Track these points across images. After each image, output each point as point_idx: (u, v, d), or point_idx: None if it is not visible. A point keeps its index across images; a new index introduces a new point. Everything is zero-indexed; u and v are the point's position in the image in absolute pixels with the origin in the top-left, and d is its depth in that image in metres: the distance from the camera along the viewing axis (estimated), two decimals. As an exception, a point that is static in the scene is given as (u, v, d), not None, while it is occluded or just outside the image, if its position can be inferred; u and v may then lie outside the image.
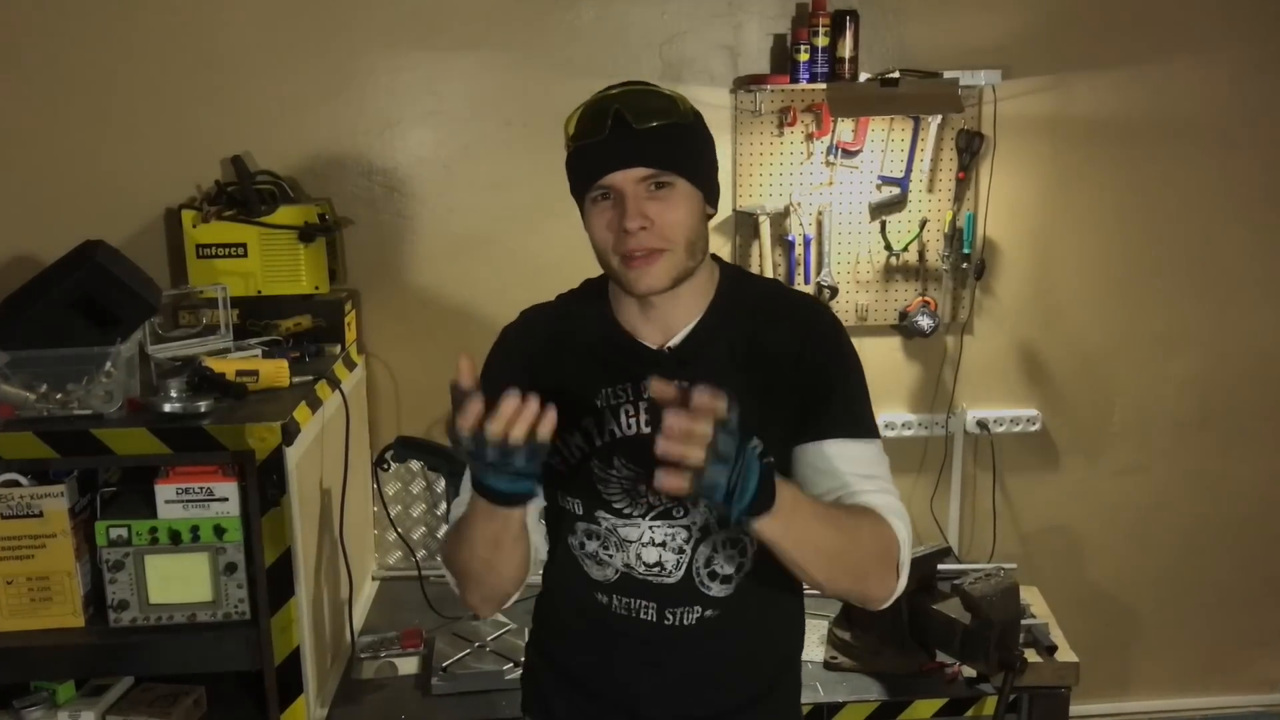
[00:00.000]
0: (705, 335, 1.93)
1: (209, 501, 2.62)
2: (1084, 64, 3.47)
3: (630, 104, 1.82)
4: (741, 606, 1.97)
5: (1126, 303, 3.64)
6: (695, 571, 1.93)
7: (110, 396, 2.58)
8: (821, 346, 1.94)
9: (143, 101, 3.30)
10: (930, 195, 3.47)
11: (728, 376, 1.79)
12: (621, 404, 1.91)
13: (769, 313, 1.96)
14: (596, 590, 1.99)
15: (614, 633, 1.99)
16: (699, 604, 1.95)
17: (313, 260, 3.21)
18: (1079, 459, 3.76)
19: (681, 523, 1.92)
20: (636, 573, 1.95)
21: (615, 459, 1.92)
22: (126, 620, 2.65)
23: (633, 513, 1.92)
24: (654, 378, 1.55)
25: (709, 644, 1.97)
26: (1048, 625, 3.04)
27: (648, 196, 1.82)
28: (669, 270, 1.85)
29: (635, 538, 1.93)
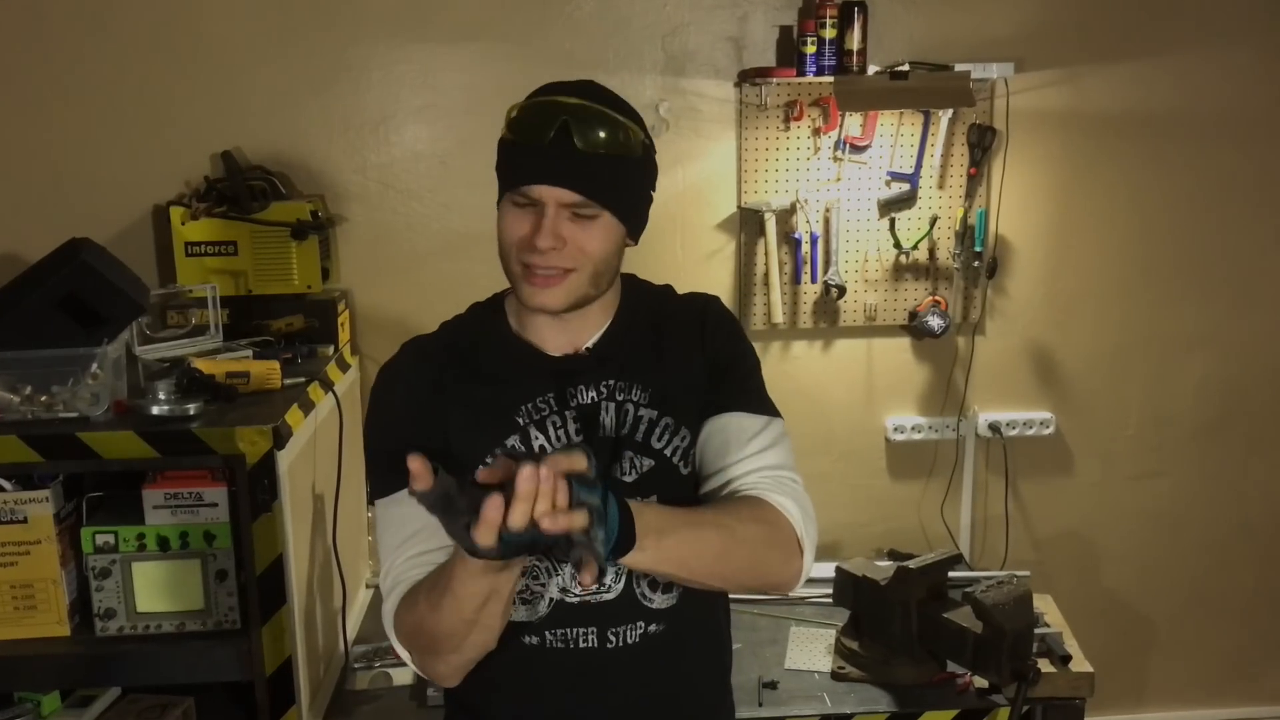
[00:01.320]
0: (618, 336, 1.93)
1: (198, 507, 2.62)
2: (1100, 56, 3.47)
3: (581, 122, 1.77)
4: (685, 618, 1.92)
5: (1144, 302, 3.64)
6: (635, 581, 1.88)
7: (96, 399, 2.58)
8: (719, 329, 1.97)
9: (129, 95, 3.30)
10: (941, 192, 3.47)
11: (648, 369, 1.86)
12: (546, 416, 1.87)
13: (668, 308, 1.99)
14: (524, 633, 1.88)
15: (549, 674, 1.90)
16: (641, 619, 1.89)
17: (305, 258, 3.21)
18: (1094, 463, 3.76)
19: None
20: (572, 595, 1.87)
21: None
22: (113, 629, 2.65)
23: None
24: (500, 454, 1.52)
25: (655, 663, 1.92)
26: (1062, 634, 3.04)
27: (569, 219, 1.78)
28: (568, 293, 1.81)
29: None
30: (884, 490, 3.71)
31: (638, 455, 1.86)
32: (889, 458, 3.70)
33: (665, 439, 1.87)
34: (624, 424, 1.86)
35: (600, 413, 1.87)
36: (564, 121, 1.76)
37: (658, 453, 1.87)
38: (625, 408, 1.87)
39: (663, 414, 1.87)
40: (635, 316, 1.96)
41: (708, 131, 3.44)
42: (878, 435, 3.68)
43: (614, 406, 1.87)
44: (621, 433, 1.86)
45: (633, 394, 1.87)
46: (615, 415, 1.87)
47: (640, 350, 1.92)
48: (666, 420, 1.87)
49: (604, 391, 1.88)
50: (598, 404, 1.87)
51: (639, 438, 1.87)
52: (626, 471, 1.85)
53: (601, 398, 1.87)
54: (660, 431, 1.87)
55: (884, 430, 3.67)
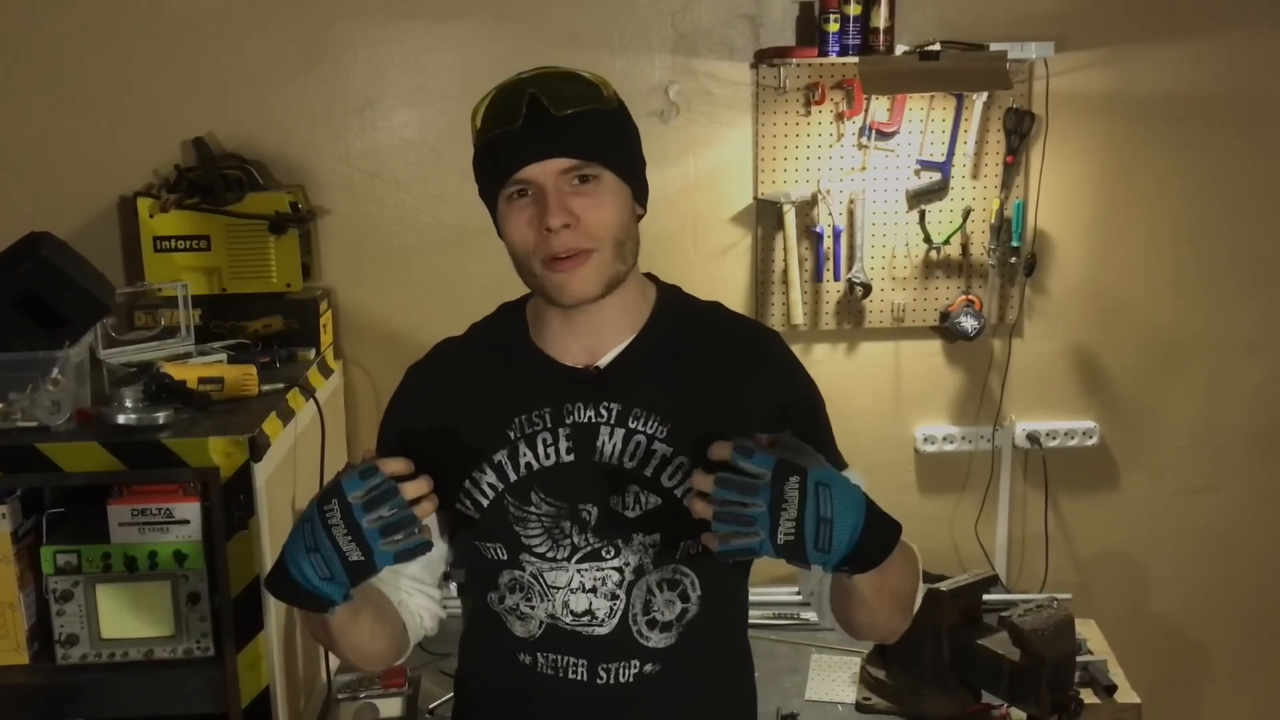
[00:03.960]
0: (640, 355, 1.92)
1: (168, 524, 2.62)
2: (1148, 33, 3.46)
3: (547, 88, 1.79)
4: (685, 659, 1.93)
5: (1196, 302, 3.64)
6: (631, 619, 1.89)
7: (57, 407, 2.58)
8: (791, 375, 1.99)
9: (92, 76, 3.30)
10: (975, 182, 3.47)
11: (672, 401, 1.85)
12: (538, 432, 1.88)
13: (712, 333, 1.98)
14: (519, 650, 1.94)
15: (538, 698, 1.94)
16: (636, 658, 1.90)
17: (284, 254, 3.21)
18: (1142, 477, 3.75)
19: (612, 564, 1.88)
20: (563, 623, 1.90)
21: (533, 494, 1.88)
22: (76, 657, 2.65)
23: (556, 555, 1.88)
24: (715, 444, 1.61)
25: (649, 707, 1.93)
26: (1106, 662, 3.04)
27: (571, 191, 1.80)
28: (598, 274, 1.82)
29: (563, 583, 1.89)
30: (913, 505, 3.71)
31: (644, 490, 1.87)
32: (919, 470, 3.70)
33: (677, 479, 1.87)
34: (632, 455, 1.87)
35: (598, 437, 1.88)
36: (530, 94, 1.79)
37: (667, 491, 1.87)
38: (636, 438, 1.87)
39: (679, 451, 1.86)
40: (667, 335, 1.95)
41: (722, 117, 3.43)
42: (906, 446, 3.68)
43: (622, 434, 1.87)
44: (627, 464, 1.87)
45: (648, 425, 1.87)
46: (621, 444, 1.87)
47: (665, 377, 1.91)
48: (682, 459, 1.86)
49: (605, 414, 1.88)
50: (595, 425, 1.88)
51: (648, 472, 1.87)
52: (630, 506, 1.86)
53: (603, 420, 1.88)
54: (673, 470, 1.87)
55: (913, 441, 3.67)
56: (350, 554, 1.67)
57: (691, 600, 1.91)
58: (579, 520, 1.87)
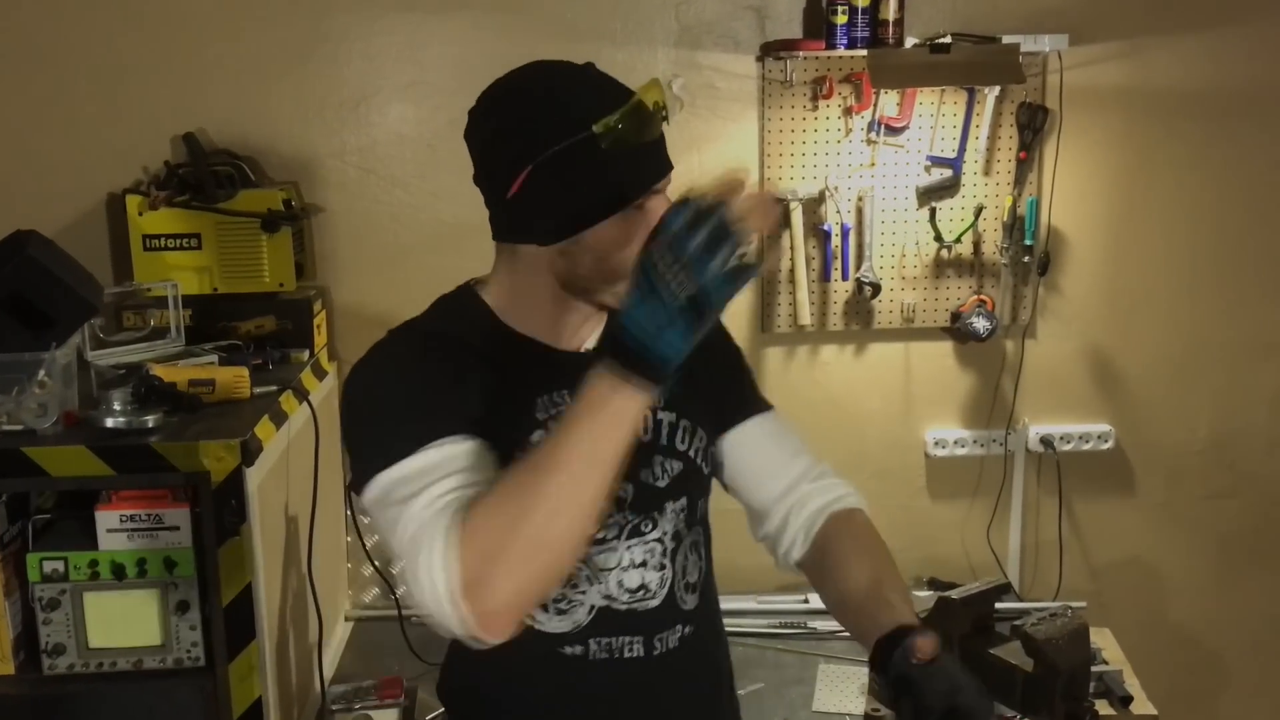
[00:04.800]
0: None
1: (157, 530, 2.62)
2: (1165, 25, 3.46)
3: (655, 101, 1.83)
4: (705, 617, 2.04)
5: (1215, 301, 3.64)
6: (675, 585, 1.97)
7: (44, 409, 2.58)
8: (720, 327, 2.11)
9: (80, 71, 3.30)
10: (987, 178, 3.47)
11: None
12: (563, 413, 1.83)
13: None
14: (561, 644, 1.92)
15: (589, 688, 1.94)
16: (679, 622, 1.98)
17: (277, 253, 3.21)
18: (1158, 481, 3.75)
19: (654, 536, 1.94)
20: (618, 604, 1.93)
21: None
22: (63, 667, 2.65)
23: (605, 536, 1.91)
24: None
25: (691, 667, 2.02)
26: (1122, 672, 3.04)
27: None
28: None
29: (614, 564, 1.93)
30: (923, 511, 3.71)
31: (666, 459, 1.96)
32: (929, 475, 3.70)
33: (686, 441, 1.98)
34: (646, 427, 1.94)
35: None
36: (661, 106, 1.83)
37: (683, 455, 1.98)
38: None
39: (681, 416, 1.98)
40: None
41: (726, 111, 3.43)
42: (916, 450, 3.68)
43: None
44: (645, 438, 1.92)
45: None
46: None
47: None
48: (685, 423, 1.98)
49: None
50: None
51: (664, 441, 1.97)
52: (659, 476, 1.95)
53: None
54: (681, 434, 1.98)
55: (923, 445, 3.67)
56: (682, 288, 1.52)
57: (704, 559, 2.04)
58: (617, 499, 1.88)
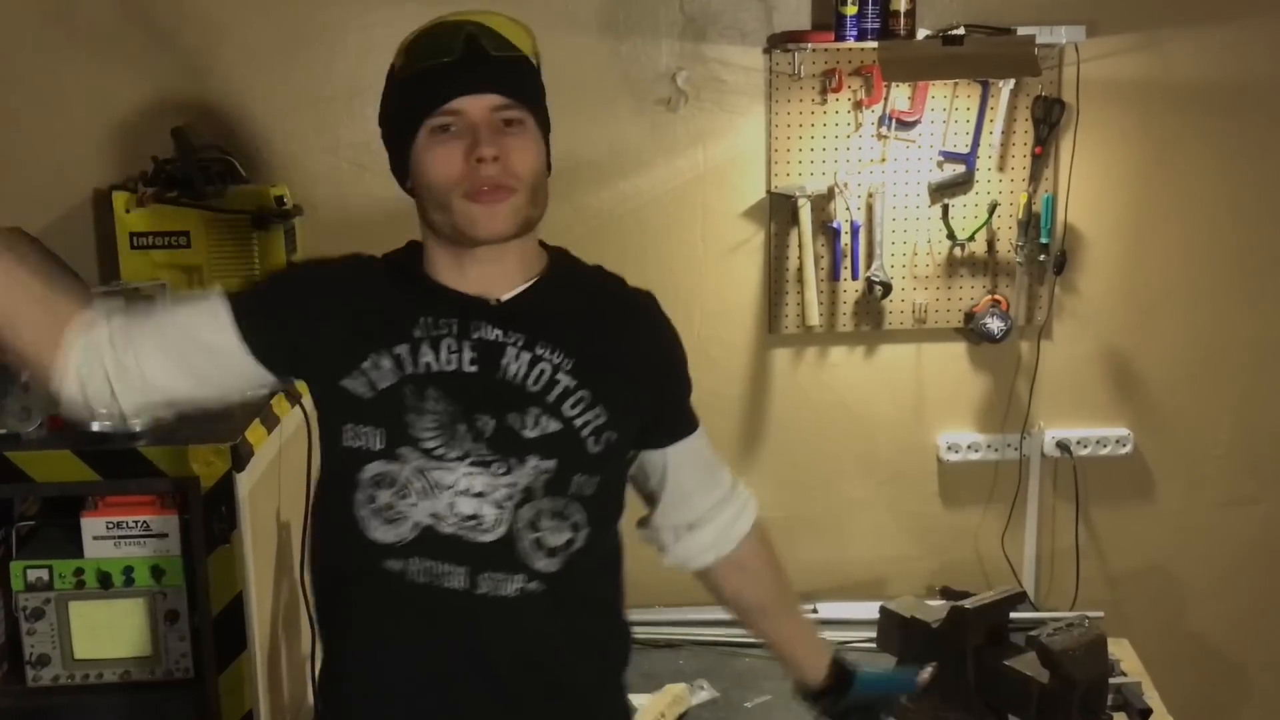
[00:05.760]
0: (536, 298, 2.05)
1: (145, 538, 2.62)
2: (1185, 17, 3.46)
3: (485, 28, 1.96)
4: (569, 586, 2.02)
5: (1236, 301, 3.63)
6: (518, 533, 1.97)
7: (28, 413, 2.57)
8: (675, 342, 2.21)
9: (66, 64, 3.30)
10: (1001, 174, 3.46)
11: (575, 339, 2.02)
12: (442, 338, 1.99)
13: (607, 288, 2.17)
14: (385, 557, 1.97)
15: (409, 611, 1.99)
16: (521, 573, 1.97)
17: (268, 251, 3.21)
18: (1178, 487, 3.75)
19: (505, 480, 1.96)
20: (445, 524, 1.95)
21: (430, 390, 1.97)
22: (47, 679, 2.64)
23: (446, 455, 1.96)
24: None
25: (528, 625, 2.00)
26: (1141, 684, 3.05)
27: (499, 130, 1.94)
28: (514, 214, 1.96)
29: (449, 483, 1.96)
30: (936, 518, 3.71)
31: (545, 415, 1.99)
32: (942, 481, 3.70)
33: (579, 409, 2.00)
34: (536, 380, 1.99)
35: (504, 355, 1.99)
36: (469, 31, 1.95)
37: (568, 420, 1.99)
38: (541, 365, 1.99)
39: (583, 385, 2.00)
40: (562, 284, 2.09)
41: (733, 105, 3.43)
42: (929, 455, 3.68)
43: (529, 358, 1.99)
44: (530, 387, 1.99)
45: (554, 357, 2.00)
46: (527, 367, 1.99)
47: (566, 318, 2.04)
48: (584, 393, 2.00)
49: (513, 337, 2.00)
50: (502, 344, 1.99)
51: (551, 399, 1.99)
52: (529, 427, 1.97)
53: (510, 342, 2.00)
54: (575, 401, 2.00)
55: (936, 449, 3.67)
56: None
57: (580, 534, 2.01)
58: (474, 428, 1.96)
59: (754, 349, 3.57)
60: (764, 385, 3.60)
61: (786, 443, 3.60)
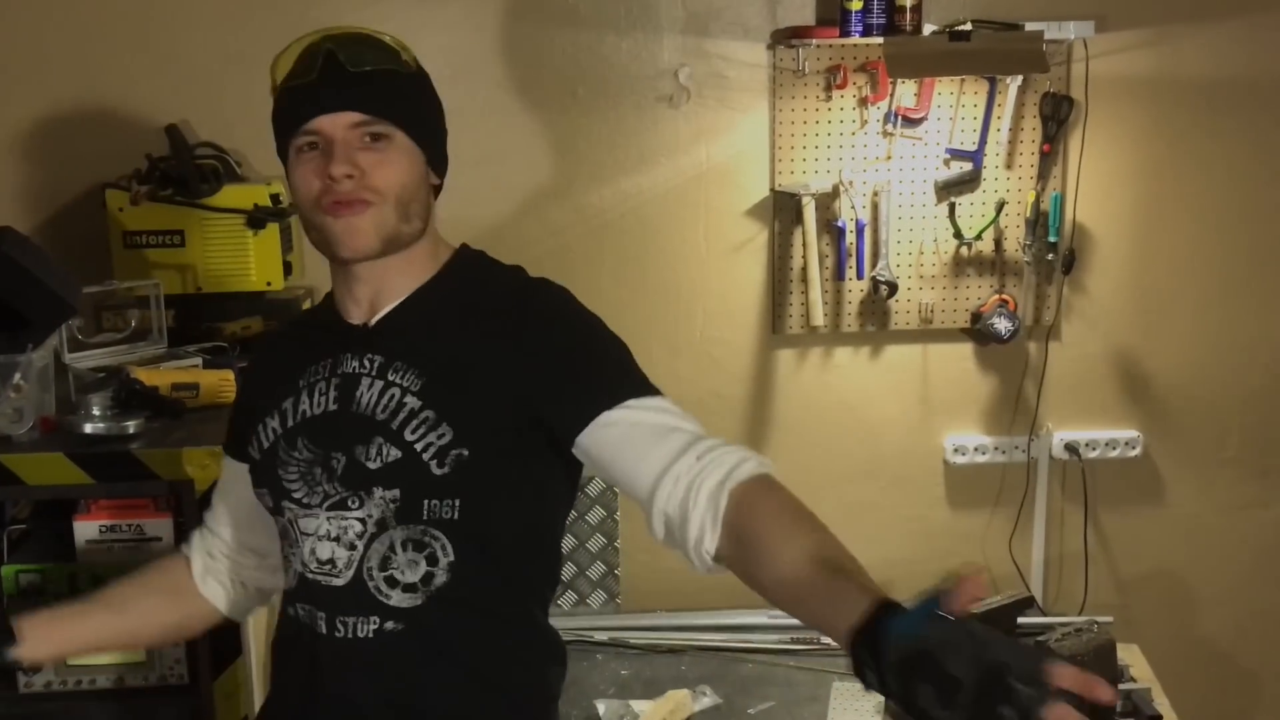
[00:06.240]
0: (411, 312, 2.05)
1: (139, 541, 2.62)
2: (1195, 13, 3.45)
3: (344, 45, 1.97)
4: (437, 625, 1.96)
5: (1247, 301, 3.63)
6: (367, 573, 1.94)
7: (20, 415, 2.58)
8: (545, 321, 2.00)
9: (58, 59, 3.30)
10: (1009, 172, 3.46)
11: (430, 354, 1.98)
12: (317, 381, 2.03)
13: (492, 289, 2.08)
14: (288, 602, 2.05)
15: (296, 649, 2.03)
16: (375, 614, 1.95)
17: (264, 251, 3.21)
18: (1188, 490, 3.75)
19: (356, 514, 1.96)
20: (310, 571, 1.98)
21: (299, 439, 2.02)
22: (40, 685, 2.65)
23: (310, 502, 1.99)
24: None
25: (392, 666, 1.96)
26: (1150, 691, 3.04)
27: (360, 147, 1.95)
28: (376, 226, 1.95)
29: (312, 530, 1.98)
30: (942, 522, 3.70)
31: (388, 443, 1.95)
32: (948, 484, 3.70)
33: (420, 432, 1.95)
34: (385, 407, 1.97)
35: (359, 387, 2.00)
36: (328, 50, 1.96)
37: (408, 445, 1.95)
38: (391, 391, 1.98)
39: (427, 405, 1.95)
40: (446, 291, 2.07)
41: (736, 102, 3.43)
42: (935, 457, 3.67)
43: (380, 386, 1.98)
44: (379, 415, 1.97)
45: (404, 378, 1.98)
46: (378, 395, 1.98)
47: (429, 331, 2.02)
48: (429, 414, 1.95)
49: (368, 365, 2.01)
50: (358, 376, 2.01)
51: (395, 425, 1.96)
52: (372, 458, 1.95)
53: (365, 371, 2.01)
54: (418, 424, 1.95)
55: (942, 451, 3.66)
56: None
57: (440, 565, 1.95)
58: (329, 468, 1.97)
59: (757, 349, 3.56)
60: (767, 386, 3.59)
61: (790, 445, 3.59)
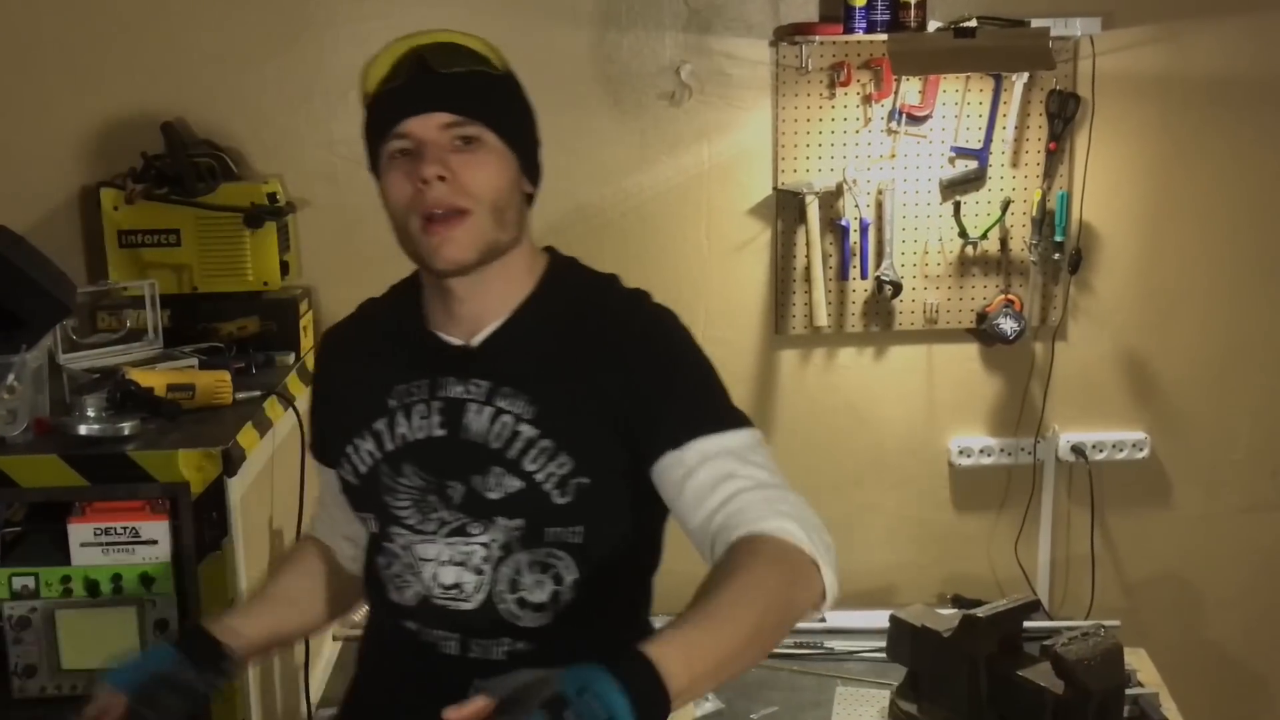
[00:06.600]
0: (515, 334, 2.01)
1: (134, 545, 2.61)
2: (1203, 9, 3.45)
3: (433, 49, 1.93)
4: (562, 642, 1.95)
5: (1256, 301, 3.63)
6: (498, 596, 1.97)
7: (13, 416, 2.57)
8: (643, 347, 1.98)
9: (53, 57, 3.30)
10: (1014, 171, 3.46)
11: (542, 379, 1.96)
12: (414, 403, 2.01)
13: (595, 307, 2.05)
14: (402, 617, 2.04)
15: (417, 666, 2.04)
16: (507, 635, 1.98)
17: (260, 250, 3.21)
18: (1196, 492, 3.75)
19: (479, 539, 1.97)
20: (434, 597, 2.00)
21: (405, 465, 2.00)
22: (34, 690, 2.64)
23: (425, 528, 2.00)
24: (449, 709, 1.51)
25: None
26: (1158, 695, 3.04)
27: (452, 149, 1.91)
28: (473, 237, 1.92)
29: (431, 555, 2.00)
30: (947, 525, 3.70)
31: (508, 473, 1.95)
32: (953, 486, 3.70)
33: (540, 462, 1.94)
34: (499, 436, 1.95)
35: (466, 413, 1.97)
36: (417, 54, 1.92)
37: (529, 475, 1.94)
38: (503, 419, 1.95)
39: (545, 434, 1.94)
40: (549, 310, 2.03)
41: (738, 99, 3.43)
42: (940, 459, 3.67)
43: (490, 412, 1.96)
44: (493, 444, 1.95)
45: (516, 405, 1.96)
46: (489, 423, 1.96)
47: (538, 355, 1.99)
48: (546, 443, 1.94)
49: (475, 390, 1.98)
50: (463, 401, 1.98)
51: (511, 455, 1.95)
52: (492, 488, 1.95)
53: (472, 397, 1.98)
54: (537, 454, 1.94)
55: (947, 453, 3.66)
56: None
57: (565, 584, 1.97)
58: (444, 496, 1.97)
59: (760, 350, 3.56)
60: (770, 387, 3.59)
61: (793, 446, 3.59)
